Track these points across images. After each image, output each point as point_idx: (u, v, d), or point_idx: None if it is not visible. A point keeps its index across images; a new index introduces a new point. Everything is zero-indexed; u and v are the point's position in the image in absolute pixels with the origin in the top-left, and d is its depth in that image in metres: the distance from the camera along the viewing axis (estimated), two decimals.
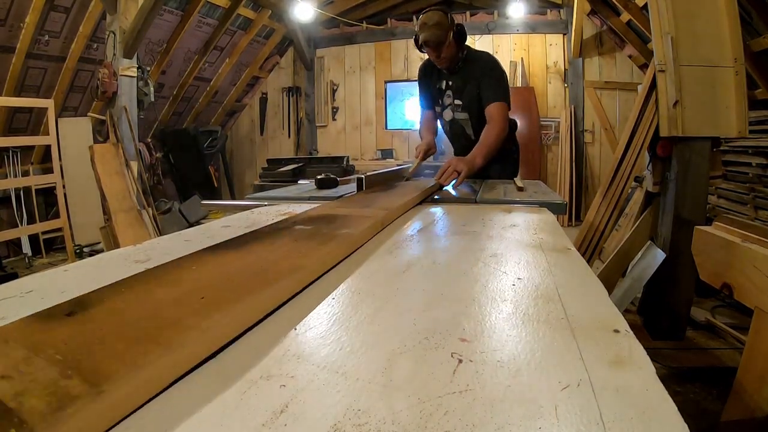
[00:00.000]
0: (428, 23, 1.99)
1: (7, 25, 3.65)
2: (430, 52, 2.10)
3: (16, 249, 4.49)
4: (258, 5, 5.62)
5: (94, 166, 3.51)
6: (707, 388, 1.96)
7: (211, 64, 5.81)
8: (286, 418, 0.33)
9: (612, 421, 0.32)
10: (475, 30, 6.03)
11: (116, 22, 3.71)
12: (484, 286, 0.63)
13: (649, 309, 2.57)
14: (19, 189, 4.38)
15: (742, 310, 2.55)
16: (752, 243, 1.30)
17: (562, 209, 1.36)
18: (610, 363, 0.40)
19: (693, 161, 2.27)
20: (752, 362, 1.29)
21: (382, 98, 6.62)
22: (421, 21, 2.03)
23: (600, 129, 5.80)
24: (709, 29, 2.21)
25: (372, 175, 1.63)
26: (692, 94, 2.22)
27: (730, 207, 3.38)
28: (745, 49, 2.52)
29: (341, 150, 6.57)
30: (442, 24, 1.99)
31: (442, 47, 2.03)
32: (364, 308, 0.55)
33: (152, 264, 0.75)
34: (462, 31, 2.09)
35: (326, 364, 0.41)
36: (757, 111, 3.21)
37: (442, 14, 2.02)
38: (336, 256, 0.74)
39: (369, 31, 6.50)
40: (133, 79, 3.89)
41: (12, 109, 4.12)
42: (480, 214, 1.22)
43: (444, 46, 2.03)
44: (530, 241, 0.90)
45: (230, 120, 7.15)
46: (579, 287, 0.63)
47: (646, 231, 2.57)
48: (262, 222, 1.14)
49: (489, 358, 0.42)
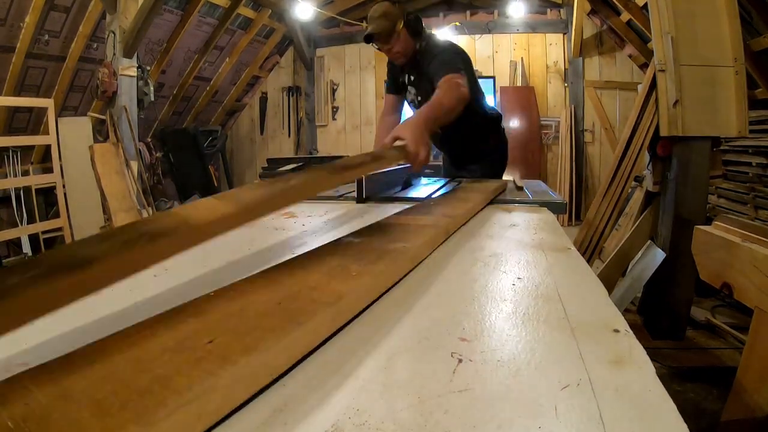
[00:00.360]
0: (374, 15, 1.84)
1: (7, 25, 3.65)
2: (381, 47, 1.92)
3: (16, 249, 4.49)
4: (258, 5, 5.61)
5: (94, 165, 3.51)
6: (707, 388, 1.96)
7: (211, 63, 5.81)
8: (286, 417, 0.33)
9: (612, 420, 0.32)
10: (475, 29, 6.02)
11: (116, 22, 3.71)
12: (484, 285, 0.63)
13: (649, 309, 2.57)
14: (19, 189, 4.37)
15: (742, 309, 2.55)
16: (752, 243, 1.30)
17: (562, 209, 1.36)
18: (610, 363, 0.40)
19: (693, 161, 2.27)
20: (752, 362, 1.29)
21: (382, 98, 6.61)
22: (369, 14, 1.87)
23: (600, 129, 5.79)
24: (710, 29, 2.21)
25: (372, 174, 1.62)
26: (692, 93, 2.22)
27: (730, 207, 3.38)
28: (745, 48, 2.52)
29: (341, 150, 6.56)
30: (388, 14, 1.82)
31: (391, 40, 1.85)
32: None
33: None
34: (415, 22, 1.88)
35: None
36: (757, 111, 3.21)
37: (389, 4, 1.84)
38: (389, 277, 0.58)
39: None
40: (133, 78, 3.88)
41: (12, 108, 4.12)
42: (479, 213, 1.22)
43: (393, 39, 1.85)
44: (530, 240, 0.90)
45: (230, 120, 7.14)
46: (579, 287, 0.63)
47: (646, 231, 2.57)
48: (262, 222, 1.14)
49: (489, 357, 0.42)
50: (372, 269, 0.57)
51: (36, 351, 0.44)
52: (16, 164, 4.34)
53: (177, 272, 0.70)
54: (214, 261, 0.77)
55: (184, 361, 0.34)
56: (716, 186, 3.39)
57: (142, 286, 0.64)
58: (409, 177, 1.81)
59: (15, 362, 0.42)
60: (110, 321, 0.52)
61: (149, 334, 0.39)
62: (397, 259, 0.63)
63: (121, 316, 0.54)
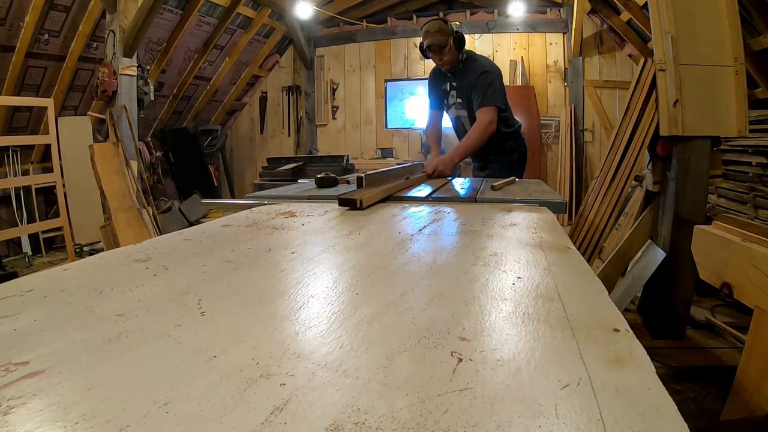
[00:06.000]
0: (431, 30, 2.30)
1: (6, 25, 3.65)
2: (433, 57, 2.38)
3: (16, 248, 4.49)
4: (258, 4, 5.61)
5: (94, 165, 3.50)
6: (707, 388, 1.96)
7: (211, 63, 5.81)
8: (286, 416, 0.33)
9: (612, 420, 0.32)
10: (475, 29, 6.02)
11: (116, 21, 3.70)
12: (484, 285, 0.63)
13: (649, 308, 2.56)
14: (19, 188, 4.38)
15: (742, 309, 2.55)
16: (752, 242, 1.30)
17: (562, 208, 1.36)
18: (609, 362, 0.40)
19: (693, 160, 2.27)
20: (752, 361, 1.29)
21: (382, 97, 6.61)
22: (425, 30, 2.33)
23: (600, 128, 5.79)
24: (710, 28, 2.21)
25: (372, 173, 1.63)
26: (692, 93, 2.21)
27: (730, 206, 3.37)
28: (745, 48, 2.52)
29: (341, 149, 6.56)
30: (443, 30, 2.29)
31: (444, 51, 2.32)
32: (364, 307, 0.55)
33: (152, 263, 0.75)
34: (461, 37, 2.34)
35: (326, 362, 0.41)
36: (757, 110, 3.21)
37: (442, 22, 2.32)
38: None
39: (369, 30, 6.49)
40: (133, 78, 3.88)
41: (12, 108, 4.12)
42: (480, 213, 1.22)
43: (445, 50, 2.32)
44: (530, 240, 0.90)
45: (230, 119, 7.14)
46: (579, 286, 0.63)
47: (646, 230, 2.57)
48: (262, 221, 1.14)
49: (489, 356, 0.42)
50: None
51: (36, 351, 0.44)
52: (16, 164, 4.34)
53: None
54: (218, 254, 0.77)
55: None
56: (716, 186, 3.39)
57: (144, 284, 0.64)
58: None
59: (15, 362, 0.42)
60: (111, 321, 0.52)
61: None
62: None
63: (122, 314, 0.54)
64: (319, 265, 0.75)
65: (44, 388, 0.37)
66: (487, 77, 2.31)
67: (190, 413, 0.34)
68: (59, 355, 0.43)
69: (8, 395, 0.36)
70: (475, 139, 2.26)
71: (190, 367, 0.41)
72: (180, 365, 0.41)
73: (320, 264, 0.75)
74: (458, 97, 2.48)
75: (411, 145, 6.47)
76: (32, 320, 0.52)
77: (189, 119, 6.31)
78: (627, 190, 2.73)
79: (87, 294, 0.61)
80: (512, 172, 2.42)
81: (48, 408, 0.35)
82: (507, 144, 2.53)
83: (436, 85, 2.60)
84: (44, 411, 0.34)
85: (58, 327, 0.50)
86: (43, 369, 0.40)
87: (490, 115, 2.27)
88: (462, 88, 2.44)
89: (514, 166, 2.54)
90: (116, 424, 0.32)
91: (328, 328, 0.49)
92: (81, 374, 0.40)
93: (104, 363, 0.42)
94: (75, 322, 0.52)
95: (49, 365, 0.41)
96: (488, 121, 2.26)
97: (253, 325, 0.50)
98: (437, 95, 2.62)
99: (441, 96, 2.60)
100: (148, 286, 0.64)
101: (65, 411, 0.34)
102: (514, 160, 2.58)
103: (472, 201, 1.44)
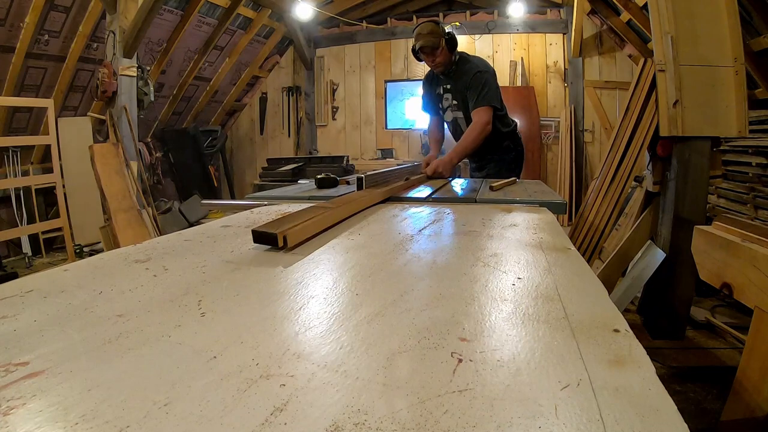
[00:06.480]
0: (423, 32, 2.28)
1: (7, 25, 3.65)
2: (426, 59, 2.36)
3: (16, 249, 4.49)
4: (258, 5, 5.61)
5: (94, 165, 3.50)
6: (707, 388, 1.96)
7: (210, 63, 5.81)
8: (286, 417, 0.33)
9: (612, 420, 0.32)
10: (475, 29, 6.02)
11: (116, 22, 3.70)
12: (484, 285, 0.63)
13: (649, 308, 2.56)
14: (19, 189, 4.38)
15: (742, 309, 2.55)
16: (752, 243, 1.30)
17: (562, 209, 1.36)
18: (609, 362, 0.40)
19: (693, 161, 2.27)
20: (752, 362, 1.29)
21: (382, 98, 6.62)
22: (416, 32, 2.30)
23: (600, 128, 5.79)
24: (709, 29, 2.21)
25: (372, 174, 1.63)
26: (692, 93, 2.22)
27: (730, 207, 3.37)
28: (745, 48, 2.52)
29: (341, 150, 6.56)
30: (435, 32, 2.27)
31: (437, 52, 2.30)
32: (364, 308, 0.55)
33: (152, 264, 0.75)
34: (453, 38, 2.32)
35: (326, 363, 0.41)
36: (757, 111, 3.21)
37: (434, 24, 2.30)
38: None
39: (369, 31, 6.49)
40: (133, 78, 3.88)
41: (12, 108, 4.12)
42: (480, 213, 1.22)
43: (438, 52, 2.30)
44: (530, 240, 0.90)
45: (230, 119, 7.14)
46: (579, 287, 0.63)
47: (646, 230, 2.57)
48: (262, 222, 1.14)
49: (489, 357, 0.42)
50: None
51: (36, 351, 0.44)
52: (16, 164, 4.34)
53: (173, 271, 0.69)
54: (218, 252, 0.77)
55: None
56: (716, 186, 3.39)
57: (144, 284, 0.64)
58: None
59: (15, 362, 0.42)
60: (111, 321, 0.52)
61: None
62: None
63: (122, 314, 0.54)
64: (319, 265, 0.75)
65: (44, 388, 0.37)
66: (482, 77, 2.31)
67: (190, 413, 0.34)
68: (59, 356, 0.43)
69: (8, 396, 0.36)
70: (473, 139, 2.28)
71: (189, 367, 0.41)
72: (180, 366, 0.41)
73: (320, 264, 0.75)
74: (453, 99, 2.48)
75: (411, 146, 6.48)
76: (32, 321, 0.52)
77: (189, 120, 6.31)
78: (627, 191, 2.73)
79: (87, 294, 0.61)
80: (510, 171, 2.43)
81: (48, 408, 0.35)
82: (504, 143, 2.53)
83: (431, 91, 2.59)
84: (44, 411, 0.34)
85: (58, 327, 0.50)
86: (43, 369, 0.40)
87: (486, 116, 2.29)
88: (456, 90, 2.43)
89: (511, 166, 2.55)
90: (116, 425, 0.32)
91: (328, 328, 0.49)
92: (81, 375, 0.40)
93: (104, 363, 0.42)
94: (75, 322, 0.52)
95: (49, 366, 0.41)
96: (484, 122, 2.28)
97: (253, 326, 0.50)
98: (432, 100, 2.61)
99: (436, 101, 2.58)
100: (148, 286, 0.64)
101: (65, 411, 0.34)
102: (512, 159, 2.58)
103: (472, 201, 1.44)
